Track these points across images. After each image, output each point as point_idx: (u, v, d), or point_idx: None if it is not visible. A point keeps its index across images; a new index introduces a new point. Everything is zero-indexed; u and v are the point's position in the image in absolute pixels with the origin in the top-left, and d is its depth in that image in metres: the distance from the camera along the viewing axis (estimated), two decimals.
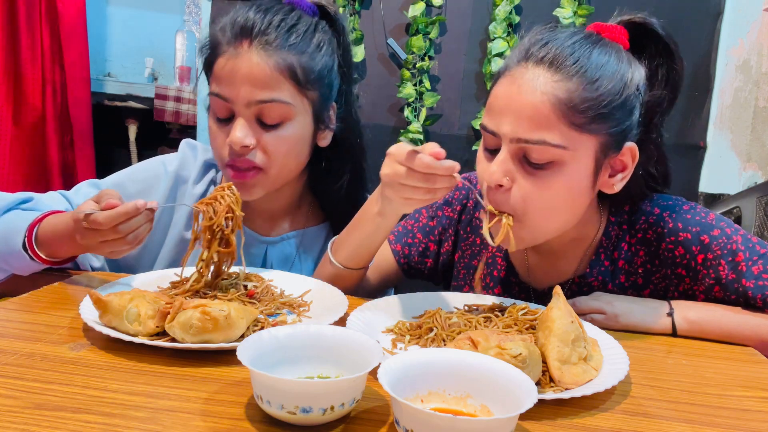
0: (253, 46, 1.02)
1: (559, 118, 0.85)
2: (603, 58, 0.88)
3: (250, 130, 1.03)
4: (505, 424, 0.56)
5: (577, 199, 0.92)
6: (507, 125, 0.87)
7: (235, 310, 0.78)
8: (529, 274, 1.09)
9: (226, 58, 1.03)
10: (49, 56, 2.33)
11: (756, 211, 1.92)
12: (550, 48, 0.87)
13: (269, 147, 1.05)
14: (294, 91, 1.04)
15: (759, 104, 2.46)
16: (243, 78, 1.01)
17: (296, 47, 1.04)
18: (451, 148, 2.92)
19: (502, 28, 2.39)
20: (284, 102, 1.03)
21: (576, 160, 0.87)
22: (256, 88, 1.01)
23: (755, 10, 2.40)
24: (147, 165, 1.19)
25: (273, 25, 1.03)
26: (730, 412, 0.72)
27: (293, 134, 1.06)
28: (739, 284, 0.95)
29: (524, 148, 0.87)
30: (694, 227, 0.98)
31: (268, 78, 1.01)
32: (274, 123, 1.04)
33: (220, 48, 1.04)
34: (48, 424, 0.58)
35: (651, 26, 0.94)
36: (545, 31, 0.91)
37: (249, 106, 1.02)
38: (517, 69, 0.88)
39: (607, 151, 0.89)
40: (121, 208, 0.86)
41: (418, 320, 0.90)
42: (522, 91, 0.86)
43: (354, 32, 2.44)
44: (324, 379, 0.67)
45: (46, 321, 0.83)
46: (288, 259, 1.20)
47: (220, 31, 1.06)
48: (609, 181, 0.93)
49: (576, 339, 0.75)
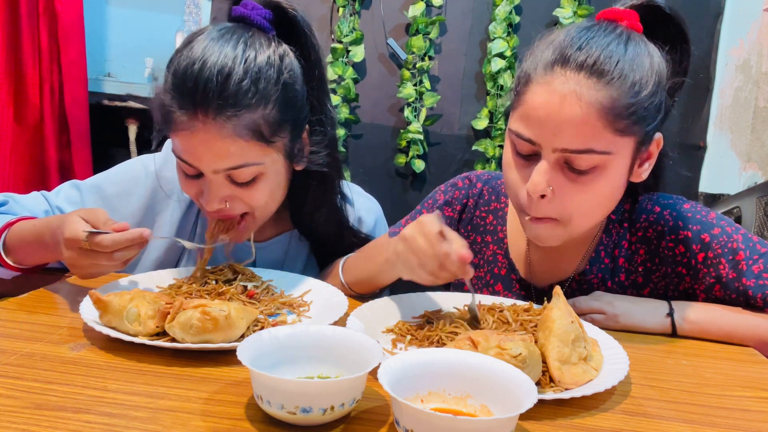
0: (209, 117, 0.90)
1: (604, 126, 0.83)
2: (638, 58, 0.85)
3: (222, 191, 0.96)
4: (505, 424, 0.56)
5: (616, 195, 0.92)
6: (550, 136, 0.84)
7: (235, 310, 0.78)
8: (530, 272, 1.09)
9: (182, 134, 0.92)
10: (47, 56, 2.33)
11: (756, 211, 1.92)
12: (588, 52, 0.83)
13: (246, 199, 0.98)
14: (261, 149, 0.95)
15: (759, 104, 2.46)
16: (203, 152, 0.92)
17: (259, 102, 0.92)
18: (451, 148, 2.92)
19: (502, 28, 2.39)
20: (254, 164, 0.95)
21: (617, 162, 0.87)
22: (220, 159, 0.92)
23: (755, 10, 2.40)
24: (127, 166, 1.15)
25: (231, 84, 0.90)
26: (730, 412, 0.72)
27: (268, 184, 0.99)
28: (739, 283, 0.95)
29: (568, 158, 0.85)
30: (695, 225, 0.98)
31: (233, 148, 0.92)
32: (246, 181, 0.96)
33: (171, 117, 0.92)
34: (48, 424, 0.58)
35: (659, 7, 0.92)
36: (579, 31, 0.87)
37: (217, 173, 0.94)
38: (554, 76, 0.84)
39: (642, 147, 0.89)
40: (128, 234, 0.86)
41: (419, 320, 0.90)
42: (565, 102, 0.82)
43: (354, 32, 2.44)
44: (324, 379, 0.67)
45: (46, 321, 0.83)
46: (277, 262, 1.19)
47: (168, 95, 0.93)
48: (638, 171, 0.93)
49: (576, 339, 0.75)
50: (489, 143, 2.44)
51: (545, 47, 0.88)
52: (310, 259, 1.22)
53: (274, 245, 1.18)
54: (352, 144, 2.55)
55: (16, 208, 1.08)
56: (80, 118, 2.41)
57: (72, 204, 1.11)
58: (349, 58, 2.46)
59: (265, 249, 1.17)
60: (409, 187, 2.56)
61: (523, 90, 0.88)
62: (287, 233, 1.20)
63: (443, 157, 2.54)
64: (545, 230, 0.91)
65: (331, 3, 2.48)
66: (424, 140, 2.49)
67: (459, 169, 2.53)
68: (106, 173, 1.15)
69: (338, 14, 2.47)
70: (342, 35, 2.44)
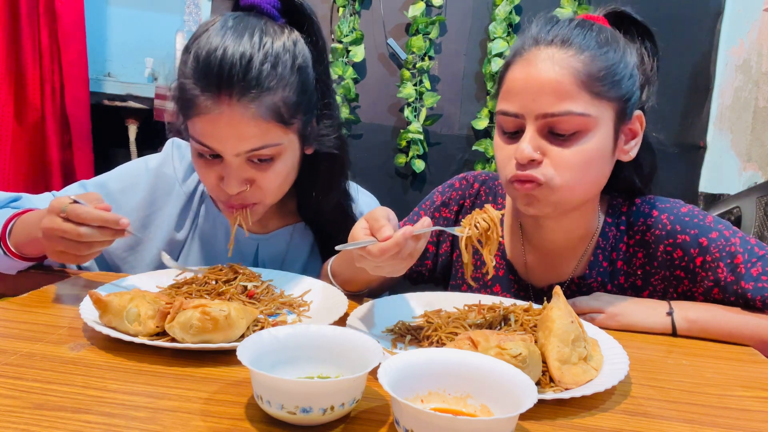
0: (233, 99, 0.93)
1: (580, 88, 0.89)
2: (603, 34, 0.94)
3: (242, 175, 0.99)
4: (505, 424, 0.56)
5: (602, 164, 0.95)
6: (531, 103, 0.91)
7: (235, 310, 0.78)
8: (527, 273, 1.09)
9: (204, 117, 0.95)
10: (47, 56, 2.33)
11: (756, 211, 1.92)
12: (557, 30, 0.93)
13: (264, 183, 1.01)
14: (281, 131, 0.98)
15: (759, 104, 2.46)
16: (227, 134, 0.95)
17: (278, 84, 0.96)
18: (451, 148, 2.92)
19: (502, 28, 2.39)
20: (274, 145, 0.98)
21: (599, 127, 0.91)
22: (243, 141, 0.95)
23: (755, 10, 2.40)
24: (130, 165, 1.19)
25: (253, 67, 0.93)
26: (730, 412, 0.72)
27: (285, 166, 1.02)
28: (738, 286, 0.95)
29: (550, 122, 0.90)
30: (693, 229, 0.98)
31: (254, 129, 0.95)
32: (265, 160, 0.99)
33: (194, 101, 0.95)
34: (48, 424, 0.58)
35: (627, 14, 1.01)
36: (546, 19, 0.98)
37: (239, 155, 0.97)
38: (529, 53, 0.93)
39: (622, 117, 0.94)
40: (104, 213, 0.85)
41: (419, 320, 0.90)
42: (540, 70, 0.90)
43: (354, 32, 2.44)
44: (324, 379, 0.67)
45: (46, 321, 0.83)
46: (279, 255, 1.20)
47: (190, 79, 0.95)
48: (625, 149, 0.98)
49: (576, 339, 0.75)
50: (489, 143, 2.44)
51: (520, 38, 0.97)
52: (312, 253, 1.23)
53: (277, 237, 1.20)
54: (352, 144, 2.55)
55: (27, 205, 1.10)
56: (82, 118, 2.41)
57: None
58: (349, 58, 2.46)
59: (267, 241, 1.19)
60: (409, 187, 2.57)
61: (503, 75, 0.97)
62: (290, 226, 1.21)
63: (443, 157, 2.54)
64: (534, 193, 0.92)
65: (331, 3, 2.48)
66: (424, 140, 2.49)
67: (459, 169, 2.53)
68: (109, 172, 1.19)
69: (338, 14, 2.47)
70: (342, 35, 2.44)
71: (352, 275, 1.03)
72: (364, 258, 0.80)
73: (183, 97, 0.97)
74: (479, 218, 0.85)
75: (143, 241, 1.16)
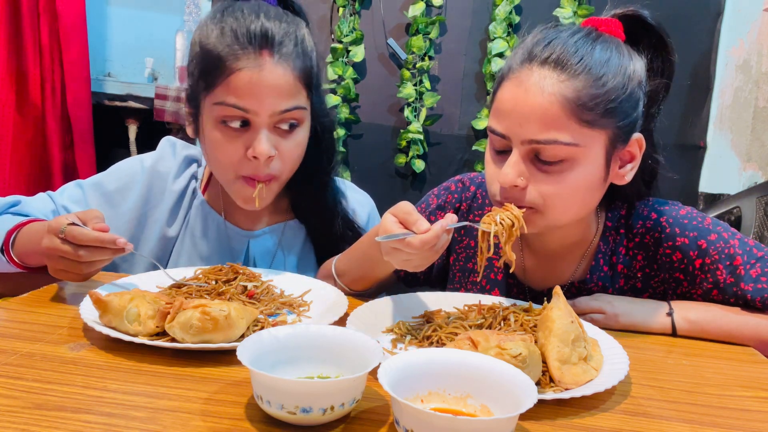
0: (274, 57, 0.99)
1: (568, 117, 0.85)
2: (605, 53, 0.88)
3: (272, 140, 1.02)
4: (505, 424, 0.56)
5: (591, 191, 0.92)
6: (517, 127, 0.87)
7: (235, 310, 0.78)
8: (526, 277, 1.09)
9: (246, 72, 0.98)
10: (48, 56, 2.33)
11: (756, 211, 1.92)
12: (553, 48, 0.87)
13: (286, 154, 1.04)
14: (306, 95, 1.05)
15: (759, 104, 2.46)
16: (268, 90, 0.99)
17: (305, 52, 1.03)
18: (451, 148, 2.92)
19: (502, 28, 2.39)
20: (302, 108, 1.04)
21: (587, 156, 0.88)
22: (281, 99, 1.00)
23: (755, 10, 2.40)
24: (125, 164, 1.20)
25: (288, 34, 1.02)
26: (730, 412, 0.72)
27: (304, 137, 1.07)
28: (737, 288, 0.95)
29: (536, 148, 0.87)
30: (692, 232, 0.98)
31: (292, 88, 1.01)
32: (292, 126, 1.04)
33: (233, 59, 0.98)
34: (48, 424, 0.58)
35: (643, 18, 0.95)
36: (546, 31, 0.92)
37: (272, 116, 1.00)
38: (521, 71, 0.88)
39: (616, 143, 0.90)
40: (101, 235, 0.86)
41: (419, 320, 0.90)
42: (529, 94, 0.86)
43: (354, 32, 2.44)
44: (324, 379, 0.67)
45: (46, 321, 0.83)
46: (269, 252, 1.20)
47: (226, 40, 0.99)
48: (620, 173, 0.94)
49: (576, 339, 0.75)
50: None
51: (518, 49, 0.92)
52: (303, 251, 1.23)
53: (268, 235, 1.20)
54: (352, 144, 2.55)
55: (26, 209, 1.11)
56: (83, 118, 2.41)
57: (76, 202, 1.15)
58: (349, 58, 2.46)
59: (258, 239, 1.19)
60: (409, 187, 2.57)
61: (496, 89, 0.93)
62: (281, 224, 1.22)
63: (443, 157, 2.54)
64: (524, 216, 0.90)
65: (331, 3, 2.48)
66: (424, 140, 2.49)
67: (459, 169, 2.53)
68: (105, 171, 1.19)
69: (338, 14, 2.47)
70: (342, 35, 2.44)
71: (364, 273, 1.03)
72: (397, 251, 0.81)
73: (210, 63, 0.99)
74: (504, 215, 0.86)
75: (140, 239, 1.16)
